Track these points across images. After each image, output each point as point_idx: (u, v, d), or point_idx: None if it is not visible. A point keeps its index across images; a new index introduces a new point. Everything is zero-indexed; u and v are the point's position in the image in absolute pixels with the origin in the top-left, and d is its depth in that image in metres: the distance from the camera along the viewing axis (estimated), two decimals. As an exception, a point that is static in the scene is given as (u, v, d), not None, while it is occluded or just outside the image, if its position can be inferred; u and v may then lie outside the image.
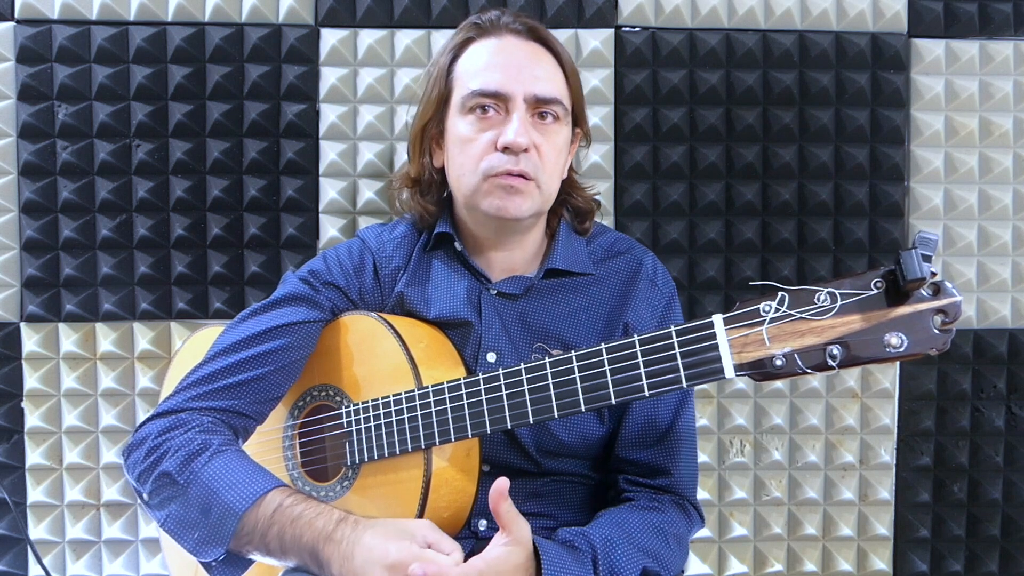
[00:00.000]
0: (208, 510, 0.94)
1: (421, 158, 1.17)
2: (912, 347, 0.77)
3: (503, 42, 1.08)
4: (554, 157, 1.08)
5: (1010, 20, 1.58)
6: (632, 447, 1.11)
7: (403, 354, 1.05)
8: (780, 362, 0.82)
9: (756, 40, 1.58)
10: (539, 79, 1.06)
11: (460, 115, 1.09)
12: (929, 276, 0.75)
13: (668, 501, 1.10)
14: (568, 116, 1.11)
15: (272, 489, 0.95)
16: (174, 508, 0.97)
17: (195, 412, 1.02)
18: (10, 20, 1.53)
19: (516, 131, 1.03)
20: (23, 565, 1.60)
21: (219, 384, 1.04)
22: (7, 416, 1.58)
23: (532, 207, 1.07)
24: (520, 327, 1.13)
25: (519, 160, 1.04)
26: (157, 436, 1.00)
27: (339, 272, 1.15)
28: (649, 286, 1.16)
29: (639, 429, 1.11)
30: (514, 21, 1.10)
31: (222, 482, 0.95)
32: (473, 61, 1.09)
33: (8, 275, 1.56)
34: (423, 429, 1.01)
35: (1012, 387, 1.62)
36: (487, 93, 1.05)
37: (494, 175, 1.05)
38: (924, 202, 1.60)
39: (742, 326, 0.84)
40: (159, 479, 0.98)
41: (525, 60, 1.07)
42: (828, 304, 0.80)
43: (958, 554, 1.63)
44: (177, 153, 1.55)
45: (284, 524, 0.92)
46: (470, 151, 1.07)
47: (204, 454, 0.97)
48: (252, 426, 1.09)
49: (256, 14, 1.55)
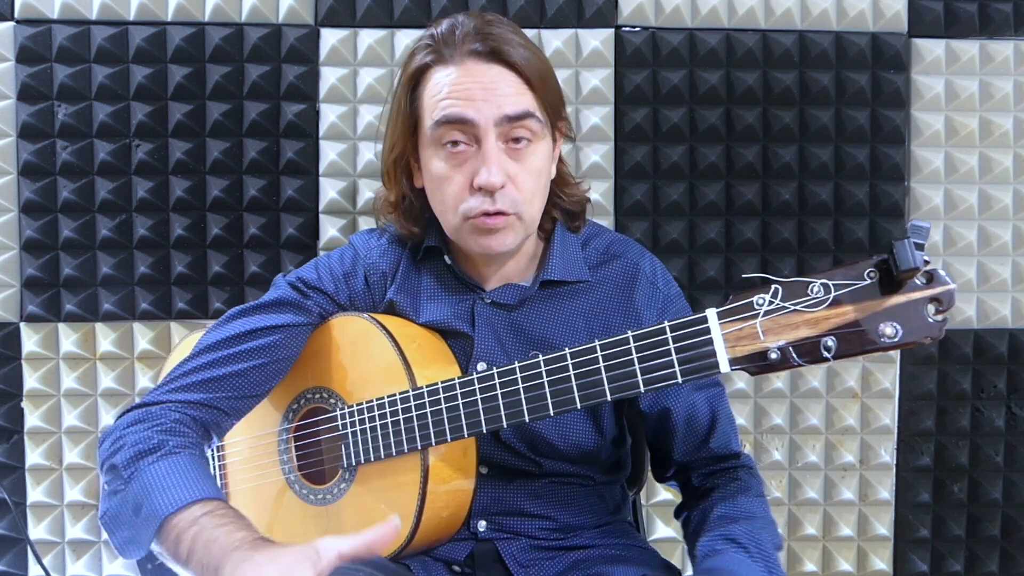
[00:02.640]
0: (139, 509, 0.92)
1: (398, 185, 1.14)
2: (907, 336, 0.77)
3: (462, 69, 1.03)
4: (533, 182, 1.05)
5: (1010, 20, 1.58)
6: (691, 451, 1.12)
7: (396, 354, 1.04)
8: (775, 355, 0.81)
9: (756, 40, 1.57)
10: (506, 97, 1.02)
11: (432, 148, 1.05)
12: (922, 265, 0.74)
13: (744, 473, 1.11)
14: (544, 127, 1.06)
15: (204, 499, 0.90)
16: (113, 503, 0.96)
17: (167, 406, 1.02)
18: (10, 20, 1.53)
19: (490, 171, 1.00)
20: (23, 565, 1.60)
21: (197, 378, 1.04)
22: (7, 416, 1.58)
23: (516, 239, 1.06)
24: (514, 336, 1.12)
25: (495, 200, 1.02)
26: (124, 428, 0.99)
27: (328, 278, 1.14)
28: (650, 289, 1.14)
29: (684, 433, 1.12)
30: (471, 38, 1.03)
31: (159, 484, 0.92)
32: (435, 91, 1.04)
33: (8, 275, 1.56)
34: (418, 430, 1.00)
35: (1012, 387, 1.62)
36: (453, 119, 1.01)
37: (473, 216, 1.03)
38: (924, 202, 1.60)
39: (736, 320, 0.83)
40: (110, 471, 0.97)
41: (488, 83, 1.02)
42: (822, 295, 0.79)
43: (958, 554, 1.63)
44: (177, 153, 1.55)
45: (197, 536, 0.87)
46: (447, 190, 1.05)
47: (154, 454, 0.96)
48: (227, 422, 1.07)
49: (256, 14, 1.55)
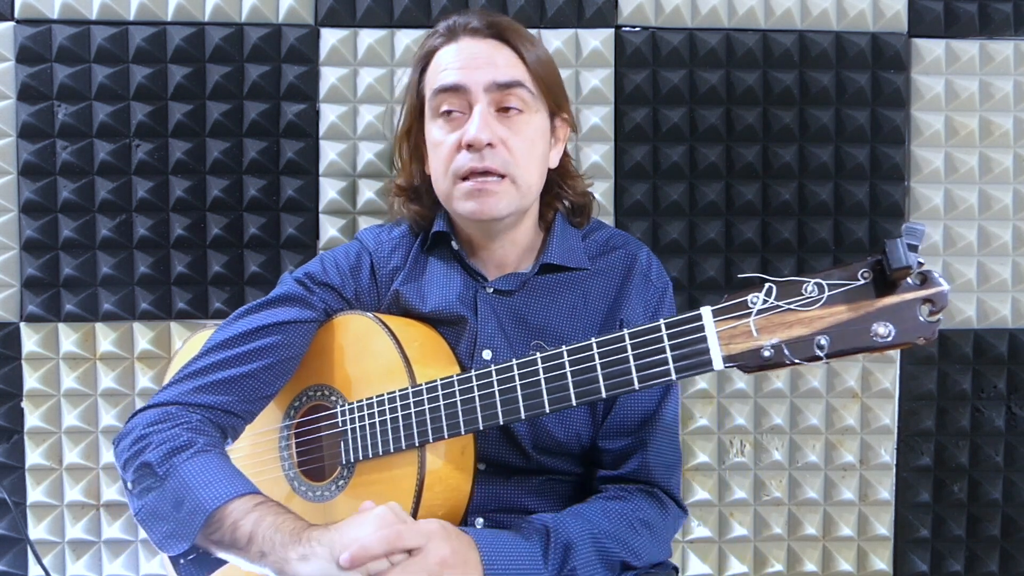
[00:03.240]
0: (180, 504, 0.95)
1: (409, 167, 1.19)
2: (900, 336, 0.77)
3: (461, 44, 1.10)
4: (526, 149, 1.08)
5: (1010, 20, 1.58)
6: (609, 436, 1.12)
7: (397, 353, 1.05)
8: (768, 353, 0.81)
9: (756, 40, 1.57)
10: (497, 67, 1.07)
11: (431, 120, 1.11)
12: (915, 265, 0.74)
13: (635, 490, 1.09)
14: (538, 102, 1.11)
15: (247, 493, 0.95)
16: (150, 499, 0.98)
17: (185, 407, 1.03)
18: (10, 20, 1.53)
19: (477, 127, 1.04)
20: (23, 565, 1.59)
21: (209, 379, 1.05)
22: (7, 416, 1.58)
23: (509, 205, 1.08)
24: (516, 324, 1.13)
25: (483, 157, 1.05)
26: (145, 427, 1.01)
27: (335, 273, 1.16)
28: (643, 281, 1.16)
29: (619, 420, 1.12)
30: (472, 20, 1.11)
31: (199, 479, 0.95)
32: (436, 68, 1.11)
33: (8, 275, 1.56)
34: (416, 427, 1.02)
35: (1012, 387, 1.62)
36: (446, 88, 1.07)
37: (462, 176, 1.06)
38: (924, 202, 1.60)
39: (730, 318, 0.84)
40: (140, 468, 0.99)
41: (480, 53, 1.08)
42: (816, 295, 0.80)
43: (958, 554, 1.63)
44: (177, 153, 1.55)
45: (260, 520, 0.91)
46: (440, 154, 1.09)
47: (187, 451, 0.98)
48: (241, 425, 1.09)
49: (256, 14, 1.55)
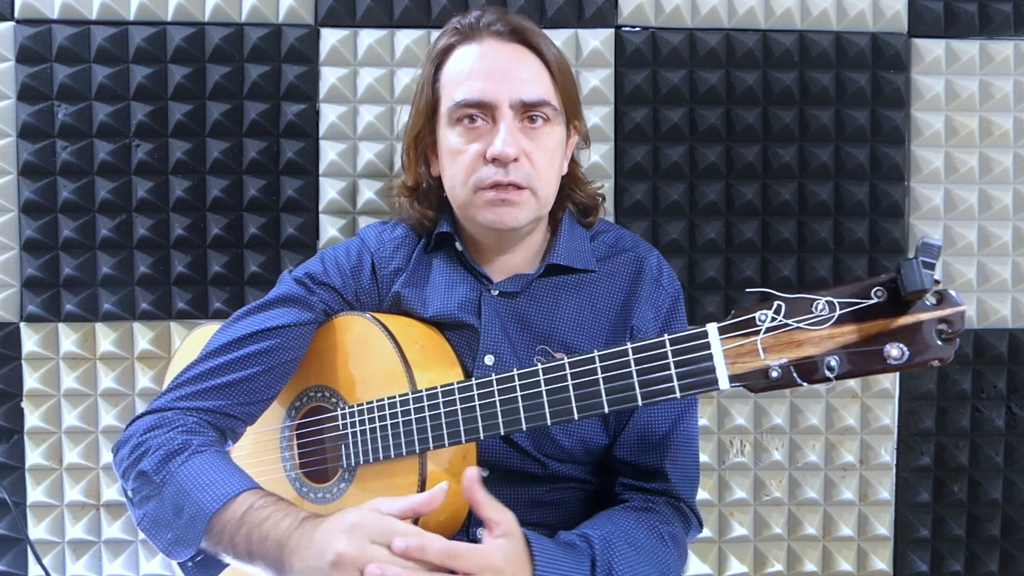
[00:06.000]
0: (180, 510, 0.93)
1: (417, 167, 1.16)
2: (914, 358, 0.74)
3: (484, 47, 1.05)
4: (547, 161, 1.06)
5: (1010, 20, 1.58)
6: (630, 450, 1.10)
7: (397, 357, 1.04)
8: (776, 373, 0.78)
9: (756, 40, 1.57)
10: (524, 83, 1.03)
11: (448, 126, 1.07)
12: (931, 286, 0.71)
13: (663, 503, 1.09)
14: (559, 115, 1.08)
15: (244, 491, 0.93)
16: (150, 507, 0.97)
17: (181, 412, 1.02)
18: (10, 20, 1.53)
19: (504, 141, 1.01)
20: (23, 565, 1.59)
21: (207, 384, 1.04)
22: (7, 416, 1.58)
23: (529, 215, 1.06)
24: (520, 329, 1.11)
25: (508, 171, 1.02)
26: (142, 434, 1.00)
27: (335, 272, 1.14)
28: (653, 286, 1.14)
29: (639, 433, 1.10)
30: (496, 22, 1.06)
31: (196, 483, 0.94)
32: (456, 70, 1.06)
33: (8, 275, 1.56)
34: (417, 434, 1.00)
35: (1012, 387, 1.62)
36: (471, 103, 1.03)
37: (484, 187, 1.03)
38: (924, 202, 1.60)
39: (737, 335, 0.80)
40: (138, 477, 0.98)
41: (508, 64, 1.04)
42: (826, 313, 0.76)
43: (958, 554, 1.63)
44: (177, 153, 1.55)
45: (252, 525, 0.90)
46: (460, 163, 1.06)
47: (182, 454, 0.97)
48: (240, 427, 1.08)
49: (256, 14, 1.55)
